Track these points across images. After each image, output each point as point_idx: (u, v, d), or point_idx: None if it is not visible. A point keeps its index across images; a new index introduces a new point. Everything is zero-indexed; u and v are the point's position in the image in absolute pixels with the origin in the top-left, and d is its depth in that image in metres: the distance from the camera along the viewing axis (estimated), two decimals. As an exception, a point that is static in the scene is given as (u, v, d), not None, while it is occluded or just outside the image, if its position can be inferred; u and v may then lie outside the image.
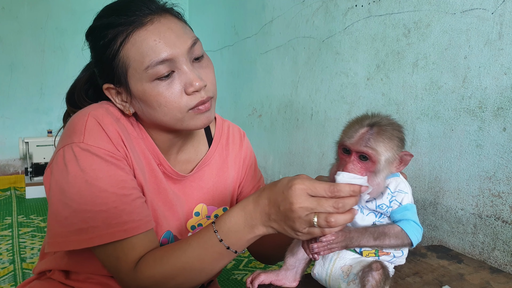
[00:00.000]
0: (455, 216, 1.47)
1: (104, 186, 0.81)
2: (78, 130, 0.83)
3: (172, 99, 0.84)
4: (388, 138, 0.78)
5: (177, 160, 1.00)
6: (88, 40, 0.90)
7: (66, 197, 0.80)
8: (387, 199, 0.81)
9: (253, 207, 0.77)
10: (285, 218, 0.73)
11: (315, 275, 0.85)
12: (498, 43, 1.32)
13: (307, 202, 0.71)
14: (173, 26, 0.85)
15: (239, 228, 0.77)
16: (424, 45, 1.59)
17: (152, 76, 0.82)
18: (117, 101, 0.90)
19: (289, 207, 0.71)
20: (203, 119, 0.88)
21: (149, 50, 0.82)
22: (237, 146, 1.10)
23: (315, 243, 0.76)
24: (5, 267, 2.20)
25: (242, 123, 3.24)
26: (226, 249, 0.79)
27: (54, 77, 3.97)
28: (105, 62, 0.86)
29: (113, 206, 0.80)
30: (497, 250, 1.33)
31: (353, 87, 2.02)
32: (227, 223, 0.78)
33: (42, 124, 4.01)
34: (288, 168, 2.70)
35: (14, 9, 3.82)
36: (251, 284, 0.87)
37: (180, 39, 0.84)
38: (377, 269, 0.75)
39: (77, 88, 0.99)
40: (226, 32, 3.44)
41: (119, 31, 0.83)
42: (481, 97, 1.38)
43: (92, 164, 0.81)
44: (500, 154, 1.32)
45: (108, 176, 0.81)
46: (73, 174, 0.80)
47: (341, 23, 2.10)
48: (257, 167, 1.17)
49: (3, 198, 3.58)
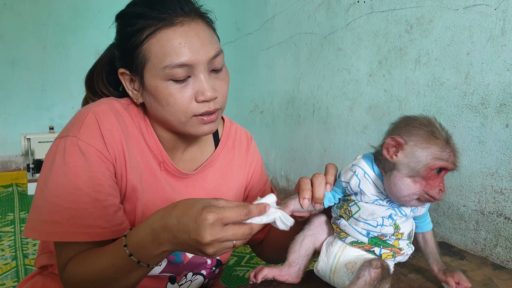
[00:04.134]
0: (457, 212, 1.47)
1: (80, 185, 0.81)
2: (76, 125, 0.85)
3: (181, 102, 0.84)
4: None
5: (182, 159, 1.00)
6: (117, 23, 0.91)
7: (45, 185, 0.82)
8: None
9: (160, 225, 0.73)
10: (196, 245, 0.70)
11: (319, 272, 0.85)
12: (501, 39, 1.32)
13: (221, 233, 0.68)
14: (201, 33, 0.85)
15: (147, 244, 0.75)
16: (427, 41, 1.59)
17: (168, 76, 0.83)
18: (129, 87, 0.91)
19: (200, 239, 0.68)
20: (205, 128, 0.89)
21: (172, 51, 0.82)
22: (243, 149, 1.10)
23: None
24: (7, 263, 2.21)
25: (243, 120, 3.24)
26: (137, 263, 0.77)
27: (55, 74, 3.97)
28: (127, 48, 0.87)
29: (83, 207, 0.81)
30: (499, 246, 1.33)
31: (355, 83, 2.02)
32: (135, 238, 0.76)
33: (44, 120, 4.02)
34: (290, 164, 2.70)
35: (15, 5, 3.81)
36: (255, 278, 0.87)
37: (204, 48, 0.84)
38: (376, 267, 0.75)
39: (97, 67, 0.99)
40: (227, 28, 3.43)
41: (148, 24, 0.84)
42: (483, 93, 1.37)
43: (76, 160, 0.82)
44: (503, 150, 1.32)
45: (87, 176, 0.82)
46: (57, 165, 0.82)
47: (343, 19, 2.09)
48: (264, 170, 1.16)
49: (5, 194, 3.59)
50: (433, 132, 0.76)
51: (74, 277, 0.82)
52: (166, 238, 0.72)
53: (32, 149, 3.71)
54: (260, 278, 0.87)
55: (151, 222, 0.75)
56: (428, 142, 0.75)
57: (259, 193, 1.13)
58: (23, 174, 3.98)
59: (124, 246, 0.77)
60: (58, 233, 0.80)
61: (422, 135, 0.76)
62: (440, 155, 0.74)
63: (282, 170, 2.81)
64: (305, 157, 2.53)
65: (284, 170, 2.78)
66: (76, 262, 0.83)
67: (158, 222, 0.73)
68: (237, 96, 3.40)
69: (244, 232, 0.70)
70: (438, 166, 0.74)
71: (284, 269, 0.87)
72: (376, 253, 0.81)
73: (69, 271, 0.83)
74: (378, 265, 0.75)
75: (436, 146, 0.75)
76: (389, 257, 0.80)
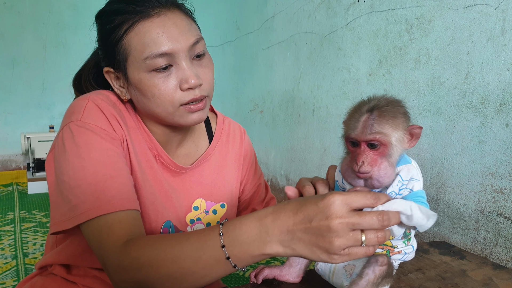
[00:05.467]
0: (457, 212, 1.47)
1: (96, 159, 0.80)
2: (77, 111, 0.85)
3: (166, 92, 0.85)
4: (392, 117, 0.74)
5: (176, 154, 1.00)
6: (97, 23, 0.92)
7: (63, 174, 0.81)
8: (397, 186, 0.76)
9: (272, 220, 0.65)
10: (318, 237, 0.61)
11: (319, 270, 0.85)
12: (501, 38, 1.32)
13: (350, 216, 0.60)
14: (178, 21, 0.86)
15: (249, 240, 0.66)
16: (427, 41, 1.59)
17: (150, 67, 0.84)
18: (115, 85, 0.92)
19: (327, 223, 0.59)
20: (194, 117, 0.89)
21: (151, 42, 0.83)
22: (237, 143, 1.10)
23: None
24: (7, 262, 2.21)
25: (243, 119, 3.24)
26: (226, 258, 0.67)
27: (56, 73, 3.98)
28: (108, 46, 0.88)
29: (103, 179, 0.79)
30: (499, 246, 1.33)
31: (355, 82, 2.02)
32: (236, 230, 0.67)
33: (44, 119, 4.02)
34: (290, 164, 2.70)
35: (15, 4, 3.81)
36: (255, 278, 0.87)
37: (183, 36, 0.85)
38: (382, 264, 0.74)
39: (85, 70, 1.01)
40: (227, 27, 3.43)
41: (126, 19, 0.85)
42: (483, 93, 1.37)
43: (87, 139, 0.81)
44: (503, 150, 1.32)
45: (101, 150, 0.81)
46: (69, 150, 0.81)
47: (343, 18, 2.09)
48: (257, 164, 1.17)
49: (5, 193, 3.59)
50: (357, 105, 0.77)
51: (138, 259, 0.71)
52: (277, 236, 0.64)
53: (32, 148, 3.71)
54: (261, 279, 0.87)
55: (260, 216, 0.67)
56: (348, 116, 0.77)
57: (253, 187, 1.13)
58: (23, 173, 3.98)
59: (220, 234, 0.68)
60: (86, 212, 0.77)
61: (349, 110, 0.78)
62: (349, 126, 0.75)
63: (282, 170, 2.81)
64: (305, 156, 2.53)
65: (284, 169, 2.78)
66: (142, 242, 0.73)
67: (270, 216, 0.65)
68: (237, 95, 3.40)
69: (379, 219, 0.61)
70: (347, 137, 0.75)
71: (284, 269, 0.88)
72: None
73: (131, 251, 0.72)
74: (384, 262, 0.74)
75: (349, 119, 0.76)
76: None
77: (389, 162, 0.74)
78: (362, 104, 0.76)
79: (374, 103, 0.75)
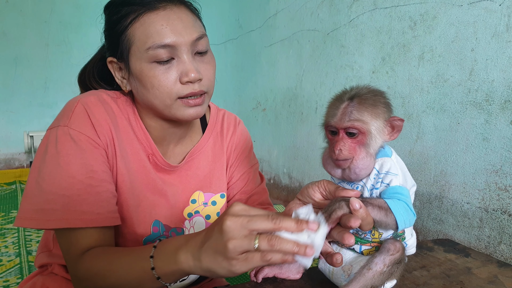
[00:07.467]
0: (461, 210, 1.47)
1: (73, 173, 0.82)
2: (66, 115, 0.86)
3: (165, 84, 0.85)
4: (371, 106, 0.73)
5: (174, 152, 1.01)
6: (105, 13, 0.93)
7: (39, 176, 0.83)
8: (374, 179, 0.75)
9: (196, 234, 0.69)
10: (217, 241, 0.62)
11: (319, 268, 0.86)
12: (506, 35, 1.31)
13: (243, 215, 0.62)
14: (183, 16, 0.87)
15: (170, 251, 0.69)
16: (431, 38, 1.58)
17: (152, 58, 0.85)
18: (117, 76, 0.93)
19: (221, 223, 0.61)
20: (191, 112, 0.89)
21: (154, 33, 0.84)
22: (231, 132, 1.10)
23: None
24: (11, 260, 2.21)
25: (246, 117, 3.23)
26: (151, 269, 0.71)
27: (58, 71, 3.98)
28: (113, 36, 0.89)
29: (77, 193, 0.82)
30: (503, 243, 1.33)
31: (358, 80, 2.01)
32: (167, 243, 0.72)
33: (46, 118, 4.02)
34: (293, 162, 2.70)
35: (18, 3, 3.81)
36: (255, 277, 0.87)
37: (186, 30, 0.86)
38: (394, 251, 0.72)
39: (90, 64, 1.02)
40: (230, 25, 3.43)
41: (132, 10, 0.86)
42: (488, 90, 1.37)
43: (69, 149, 0.83)
44: (507, 147, 1.31)
45: (79, 164, 0.83)
46: (50, 155, 0.83)
47: (346, 15, 2.08)
48: (252, 154, 1.15)
49: (9, 191, 3.60)
50: (339, 94, 0.77)
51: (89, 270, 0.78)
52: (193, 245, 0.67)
53: (35, 146, 3.71)
54: (261, 277, 0.87)
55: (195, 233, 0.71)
56: (329, 104, 0.77)
57: (242, 176, 1.10)
58: (26, 172, 3.99)
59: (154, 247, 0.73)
60: (54, 221, 0.80)
61: (331, 99, 0.78)
62: (329, 114, 0.75)
63: (284, 168, 2.80)
64: (307, 154, 2.53)
65: (286, 167, 2.78)
66: (93, 254, 0.80)
67: (200, 232, 0.69)
68: (239, 93, 3.40)
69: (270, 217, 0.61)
70: (327, 125, 0.75)
71: (284, 266, 0.87)
72: (356, 250, 0.80)
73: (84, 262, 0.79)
74: (397, 249, 0.73)
75: (329, 107, 0.76)
76: (371, 252, 0.79)
77: (367, 152, 0.73)
78: (344, 93, 0.76)
79: (355, 92, 0.75)
